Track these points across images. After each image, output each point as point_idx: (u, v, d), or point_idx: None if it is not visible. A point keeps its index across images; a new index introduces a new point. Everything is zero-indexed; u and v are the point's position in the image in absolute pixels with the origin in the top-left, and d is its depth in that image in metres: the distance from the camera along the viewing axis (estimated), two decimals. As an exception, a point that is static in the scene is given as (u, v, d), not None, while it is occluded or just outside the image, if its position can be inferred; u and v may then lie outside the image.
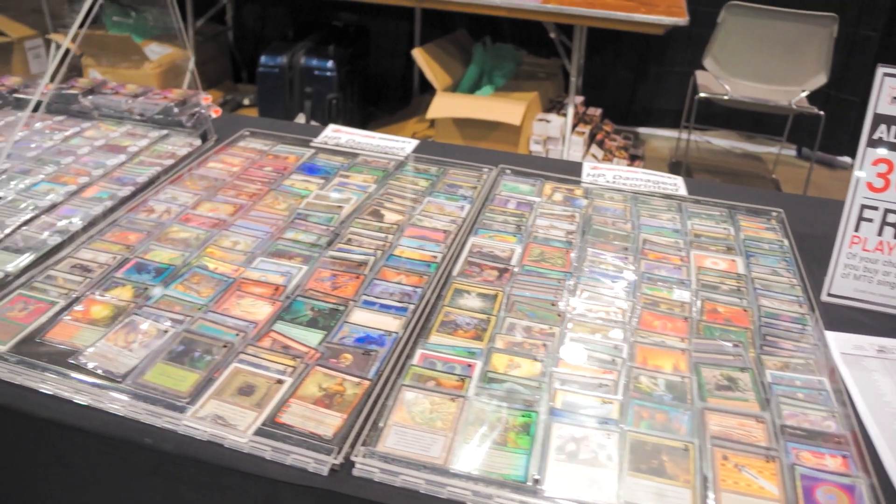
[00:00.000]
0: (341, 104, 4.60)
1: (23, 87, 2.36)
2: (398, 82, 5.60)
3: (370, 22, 5.40)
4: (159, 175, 1.88)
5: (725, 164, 5.27)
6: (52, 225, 1.65)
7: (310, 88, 4.55)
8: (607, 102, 5.22)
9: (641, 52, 5.33)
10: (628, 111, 5.51)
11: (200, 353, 1.27)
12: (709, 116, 5.11)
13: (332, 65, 4.54)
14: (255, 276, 1.49)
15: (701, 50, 4.43)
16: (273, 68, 4.49)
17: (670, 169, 5.05)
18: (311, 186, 1.84)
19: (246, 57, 5.68)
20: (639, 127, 5.58)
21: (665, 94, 5.44)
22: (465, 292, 1.49)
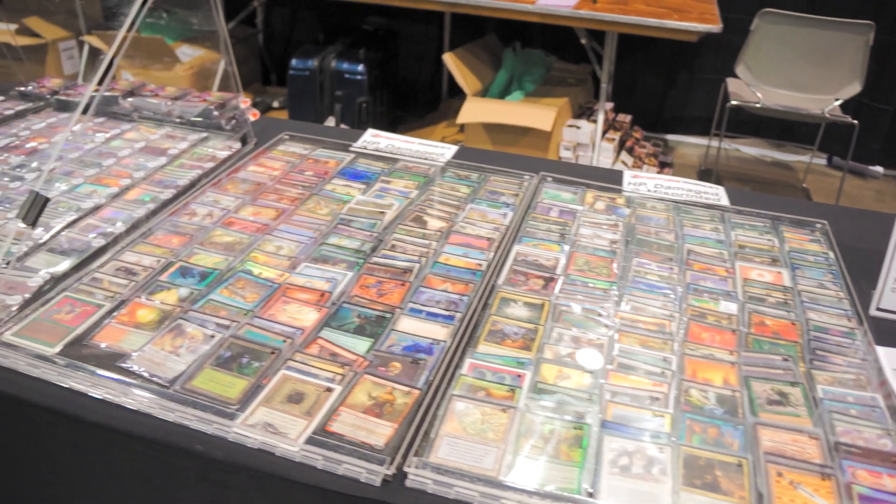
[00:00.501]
0: (371, 108, 4.59)
1: (63, 89, 2.37)
2: (427, 86, 5.59)
3: (399, 26, 5.40)
4: (200, 178, 1.88)
5: (755, 173, 5.23)
6: (95, 227, 1.65)
7: (340, 92, 4.55)
8: (636, 109, 5.19)
9: (671, 58, 5.30)
10: (657, 118, 5.48)
11: (248, 360, 1.26)
12: (738, 124, 5.07)
13: (363, 68, 4.54)
14: (300, 282, 1.48)
15: (731, 57, 4.40)
16: (304, 71, 4.49)
17: (699, 176, 5.01)
18: (353, 191, 1.83)
19: (275, 59, 5.70)
20: (667, 134, 5.55)
21: (694, 102, 5.40)
22: (512, 301, 1.48)
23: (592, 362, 1.34)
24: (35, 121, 2.21)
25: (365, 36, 5.01)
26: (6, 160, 1.95)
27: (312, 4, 5.61)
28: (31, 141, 2.07)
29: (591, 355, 1.35)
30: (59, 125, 2.18)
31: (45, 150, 2.01)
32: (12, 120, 2.22)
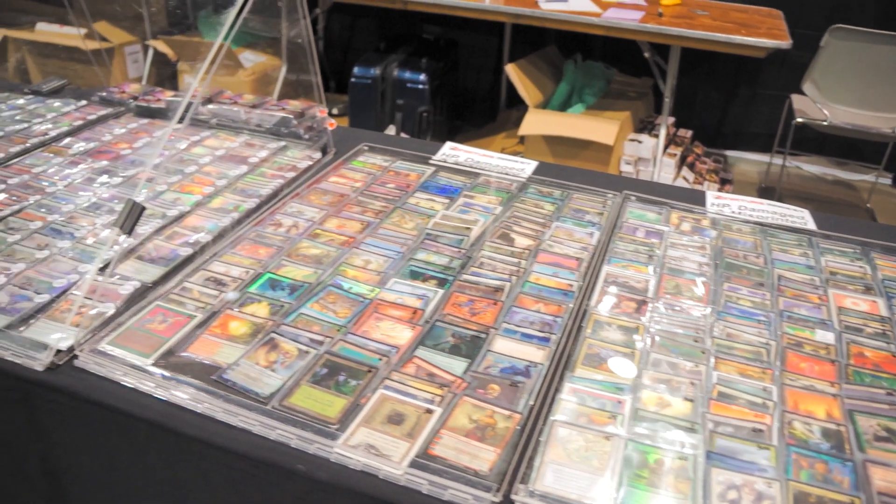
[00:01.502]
0: (431, 117, 4.58)
1: (142, 95, 2.38)
2: (485, 96, 5.57)
3: (459, 35, 5.38)
4: (282, 188, 1.87)
5: (817, 191, 5.13)
6: (182, 236, 1.64)
7: (401, 100, 4.54)
8: (696, 123, 5.12)
9: (733, 73, 5.23)
10: (717, 133, 5.41)
11: (345, 378, 1.25)
12: (801, 141, 4.98)
13: (425, 78, 4.53)
14: (392, 298, 1.46)
15: (795, 72, 4.33)
16: (366, 79, 4.49)
17: (760, 194, 4.94)
18: (437, 206, 1.81)
19: (335, 67, 5.71)
20: (726, 150, 5.47)
21: (755, 117, 5.32)
22: (606, 324, 1.45)
23: (689, 391, 1.30)
24: (116, 126, 2.22)
25: (425, 45, 5.00)
26: (91, 165, 1.96)
27: (372, 12, 5.61)
28: (114, 146, 2.08)
29: (687, 384, 1.32)
30: (141, 130, 2.19)
31: (129, 157, 2.01)
32: (95, 125, 2.23)
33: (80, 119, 2.25)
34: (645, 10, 4.30)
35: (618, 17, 4.07)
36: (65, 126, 2.20)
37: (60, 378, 1.27)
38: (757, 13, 4.49)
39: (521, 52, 5.09)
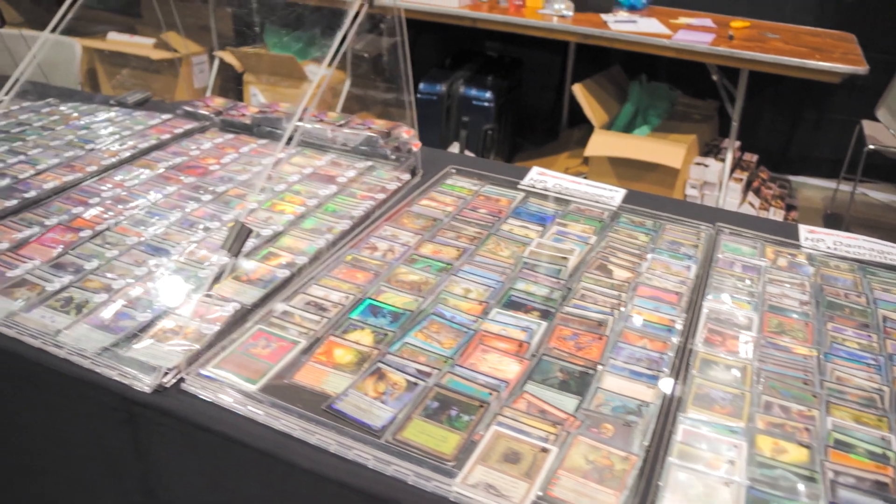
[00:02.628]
0: (495, 135, 4.56)
1: (227, 109, 2.38)
2: (547, 114, 5.54)
3: (522, 52, 5.36)
4: (374, 209, 1.86)
5: (885, 220, 5.03)
6: (278, 257, 1.63)
7: (466, 118, 4.53)
8: (761, 147, 5.05)
9: (800, 97, 5.15)
10: (782, 158, 5.33)
11: (458, 412, 1.22)
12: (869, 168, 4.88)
13: (491, 96, 4.51)
14: (495, 329, 1.43)
15: (865, 97, 4.25)
16: (431, 95, 4.49)
17: (825, 221, 4.85)
18: (531, 233, 1.79)
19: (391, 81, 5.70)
20: (790, 175, 5.39)
21: (822, 142, 5.24)
22: (713, 363, 1.41)
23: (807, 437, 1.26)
24: (203, 140, 2.22)
25: (491, 63, 4.99)
26: (181, 180, 1.96)
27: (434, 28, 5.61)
28: (201, 161, 2.08)
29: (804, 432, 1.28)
30: (227, 146, 2.19)
31: (217, 172, 2.01)
32: (181, 139, 2.24)
33: (167, 132, 2.26)
34: (715, 32, 4.26)
35: (689, 40, 4.03)
36: (153, 139, 2.21)
37: (168, 401, 1.26)
38: (829, 36, 4.43)
39: (584, 71, 5.06)
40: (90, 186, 1.93)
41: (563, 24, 4.28)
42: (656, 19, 4.42)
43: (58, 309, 1.46)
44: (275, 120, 2.25)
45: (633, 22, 4.31)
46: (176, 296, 1.49)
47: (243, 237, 1.35)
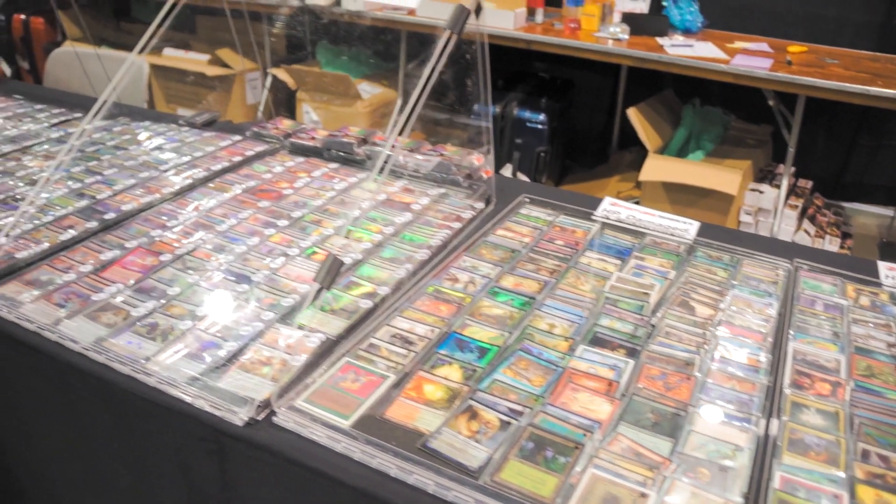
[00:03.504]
0: (548, 157, 4.55)
1: (296, 132, 2.39)
2: (597, 136, 5.51)
3: (573, 74, 5.34)
4: (451, 238, 1.85)
5: (940, 250, 4.95)
6: (359, 285, 1.63)
7: (520, 140, 4.52)
8: (815, 173, 4.98)
9: (856, 122, 5.07)
10: (836, 184, 5.25)
11: (553, 454, 1.21)
12: (926, 196, 4.83)
13: (544, 118, 4.50)
14: (584, 367, 1.42)
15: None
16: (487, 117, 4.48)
17: (881, 250, 4.78)
18: (609, 267, 1.77)
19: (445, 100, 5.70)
20: (845, 201, 5.31)
21: (878, 169, 5.15)
22: (804, 407, 1.38)
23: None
24: (274, 163, 2.23)
25: (543, 84, 4.98)
26: (256, 204, 1.97)
27: (487, 49, 5.61)
28: (274, 185, 2.09)
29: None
30: (299, 169, 2.20)
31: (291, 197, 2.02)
32: (252, 161, 2.25)
33: (239, 155, 2.28)
34: (773, 57, 4.21)
35: (747, 65, 3.99)
36: (225, 162, 2.22)
37: (260, 434, 1.26)
38: (889, 62, 4.37)
39: (635, 93, 5.04)
40: (167, 208, 1.95)
41: (619, 47, 4.26)
42: (712, 43, 4.39)
43: (144, 335, 1.46)
44: (346, 144, 2.26)
45: (689, 46, 4.28)
46: (260, 325, 1.49)
47: (336, 270, 1.35)
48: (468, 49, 1.77)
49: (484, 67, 1.83)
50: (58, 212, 1.93)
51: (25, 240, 1.78)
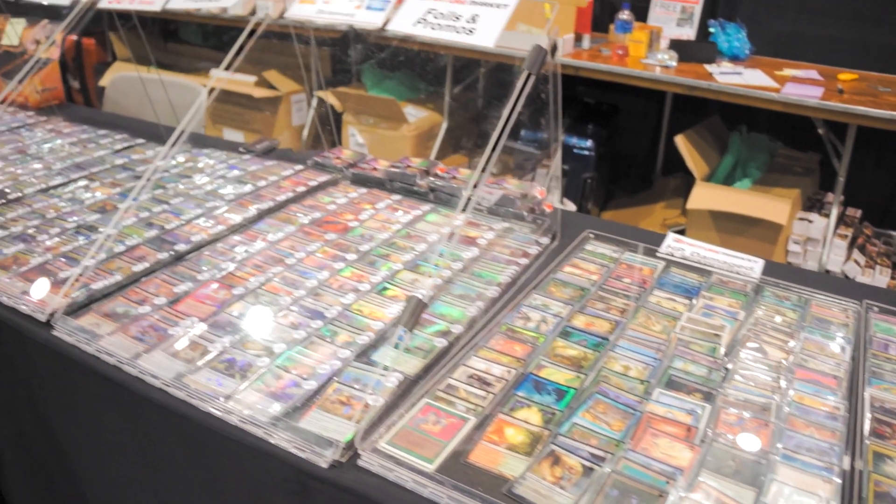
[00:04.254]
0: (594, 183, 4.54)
1: (358, 162, 2.41)
2: (641, 162, 5.50)
3: (617, 99, 5.34)
4: (519, 275, 1.86)
5: None
6: (432, 323, 1.64)
7: (567, 166, 4.51)
8: (863, 201, 4.93)
9: (904, 149, 5.03)
10: (886, 213, 5.20)
11: (638, 502, 1.21)
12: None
13: (591, 144, 4.50)
14: (661, 412, 1.41)
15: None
16: (532, 143, 4.49)
17: (929, 281, 4.71)
18: (679, 306, 1.77)
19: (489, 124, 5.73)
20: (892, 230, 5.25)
21: (927, 198, 5.10)
22: (887, 458, 1.37)
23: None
24: (337, 194, 2.25)
25: (589, 110, 4.98)
26: (323, 236, 1.99)
27: (530, 72, 5.63)
28: (339, 216, 2.11)
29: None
30: (362, 201, 2.21)
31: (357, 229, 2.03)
32: (316, 191, 2.27)
33: (302, 185, 2.30)
34: (823, 85, 4.19)
35: (798, 94, 3.97)
36: (289, 192, 2.24)
37: (345, 476, 1.27)
38: (943, 91, 4.33)
39: (681, 119, 5.04)
40: (236, 240, 1.97)
41: (667, 74, 4.26)
42: (761, 71, 4.37)
43: (222, 371, 1.48)
44: (409, 176, 2.27)
45: (738, 74, 4.27)
46: (338, 363, 1.50)
47: (419, 312, 1.36)
48: (543, 88, 1.78)
49: (556, 102, 1.83)
50: (129, 241, 1.96)
51: (100, 270, 1.81)
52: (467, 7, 1.75)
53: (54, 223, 2.10)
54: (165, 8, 2.27)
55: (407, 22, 1.78)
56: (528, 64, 1.63)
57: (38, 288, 1.75)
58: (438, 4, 1.77)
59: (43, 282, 1.78)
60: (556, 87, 1.84)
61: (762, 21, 4.93)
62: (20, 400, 1.77)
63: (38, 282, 1.77)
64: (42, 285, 1.76)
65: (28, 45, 3.44)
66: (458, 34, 1.70)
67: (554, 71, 1.81)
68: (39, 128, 2.96)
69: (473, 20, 1.72)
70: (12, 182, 2.40)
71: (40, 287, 1.75)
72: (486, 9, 1.74)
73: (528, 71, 1.62)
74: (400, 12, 1.82)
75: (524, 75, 1.62)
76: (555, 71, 1.81)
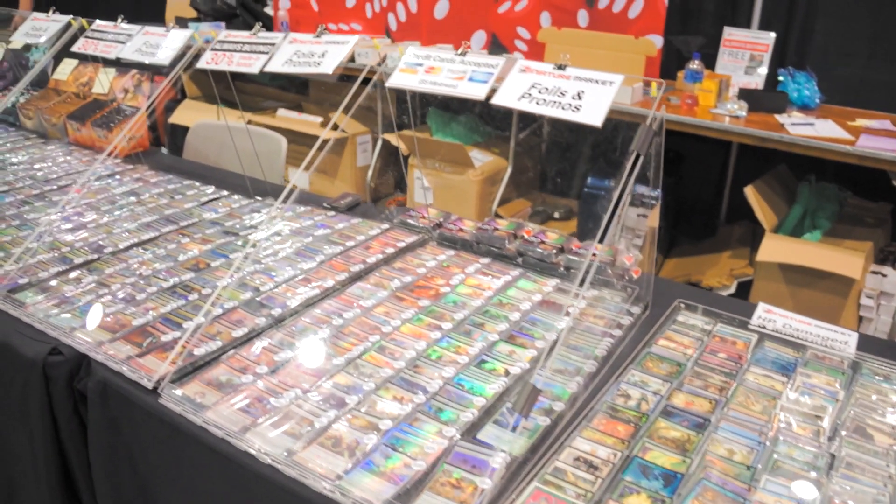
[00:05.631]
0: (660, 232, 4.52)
1: (445, 222, 2.43)
2: (704, 209, 5.47)
3: (684, 146, 5.33)
4: (615, 348, 1.86)
5: None
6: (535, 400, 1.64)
7: (633, 214, 4.50)
8: (932, 254, 4.86)
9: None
10: (955, 266, 5.11)
11: None
12: None
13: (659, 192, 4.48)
14: (771, 501, 1.40)
15: None
16: (599, 190, 4.49)
17: None
18: (777, 384, 1.76)
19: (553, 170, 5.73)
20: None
21: None
22: None
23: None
24: (426, 256, 2.28)
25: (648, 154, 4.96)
26: (415, 302, 2.01)
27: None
28: (430, 280, 2.13)
29: None
30: (452, 265, 2.23)
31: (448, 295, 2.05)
32: (404, 252, 2.29)
33: (391, 246, 2.33)
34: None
35: (874, 147, 3.93)
36: (379, 254, 2.27)
37: (460, 563, 1.27)
38: None
39: (747, 166, 5.01)
40: (331, 306, 2.00)
41: (737, 125, 4.24)
42: (832, 121, 4.33)
43: (330, 448, 1.50)
44: (498, 240, 2.29)
45: (810, 125, 4.24)
46: (444, 442, 1.51)
47: (534, 399, 1.37)
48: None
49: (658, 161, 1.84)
50: (226, 303, 1.99)
51: (201, 334, 1.84)
52: (573, 83, 1.77)
53: (151, 281, 2.14)
54: (265, 70, 2.32)
55: (511, 97, 1.80)
56: (636, 144, 1.65)
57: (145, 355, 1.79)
58: (543, 79, 1.80)
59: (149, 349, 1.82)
60: (659, 165, 1.85)
61: (831, 67, 4.90)
62: (121, 461, 1.81)
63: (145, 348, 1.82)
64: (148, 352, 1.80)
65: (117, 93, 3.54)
66: (563, 111, 1.72)
67: (657, 147, 1.82)
68: (127, 176, 3.04)
69: (579, 96, 1.73)
70: (106, 235, 2.46)
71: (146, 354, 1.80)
72: (591, 85, 1.76)
73: (638, 152, 1.64)
74: (504, 86, 1.85)
75: (633, 156, 1.63)
76: (658, 147, 1.82)
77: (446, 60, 1.96)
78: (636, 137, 1.66)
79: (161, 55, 2.54)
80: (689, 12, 5.20)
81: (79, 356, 1.85)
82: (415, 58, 2.02)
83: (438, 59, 1.97)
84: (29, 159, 3.25)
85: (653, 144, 1.75)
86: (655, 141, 1.76)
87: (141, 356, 1.79)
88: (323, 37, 2.29)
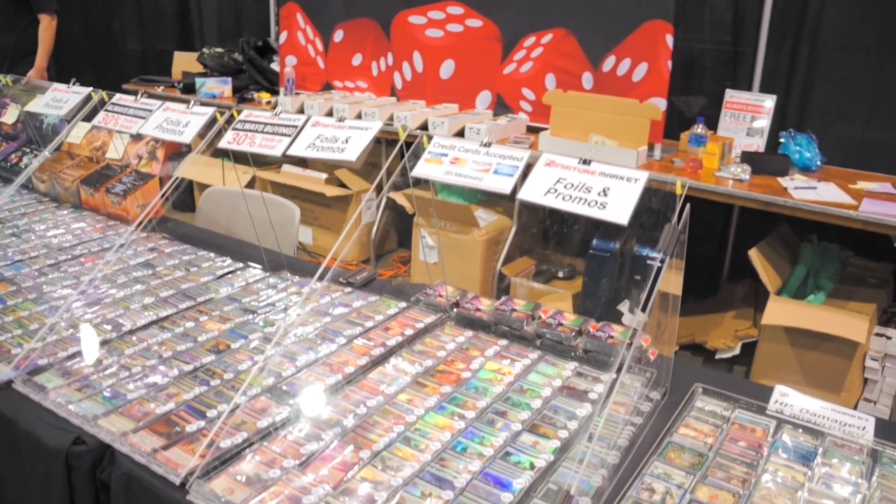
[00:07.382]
0: (664, 293, 4.55)
1: (463, 301, 2.46)
2: (706, 268, 5.51)
3: (688, 206, 5.37)
4: (636, 437, 1.88)
5: None
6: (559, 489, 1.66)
7: (638, 276, 4.54)
8: (935, 312, 4.89)
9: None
10: (956, 324, 5.14)
11: None
12: None
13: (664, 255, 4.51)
14: None
15: None
16: (605, 252, 4.53)
17: None
18: (798, 475, 1.77)
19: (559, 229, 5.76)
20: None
21: None
22: None
23: None
24: (445, 338, 2.30)
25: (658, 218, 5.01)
26: (438, 389, 2.02)
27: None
28: (450, 364, 2.15)
29: None
30: (472, 347, 2.25)
31: (469, 380, 2.07)
32: (423, 334, 2.31)
33: (410, 327, 2.35)
34: (898, 199, 4.20)
35: (878, 212, 3.98)
36: (398, 335, 2.29)
37: None
38: None
39: (749, 225, 5.06)
40: (354, 392, 2.01)
41: (740, 189, 4.30)
42: (835, 184, 4.39)
43: (363, 550, 1.51)
44: (516, 321, 2.31)
45: (813, 189, 4.29)
46: (475, 541, 1.53)
47: None
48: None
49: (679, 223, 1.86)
50: (248, 390, 2.00)
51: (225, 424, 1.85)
52: (598, 178, 1.81)
53: (171, 364, 2.15)
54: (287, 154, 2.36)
55: (537, 192, 1.84)
56: (663, 245, 1.68)
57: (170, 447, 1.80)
58: (568, 174, 1.83)
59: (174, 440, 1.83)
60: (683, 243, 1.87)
61: (830, 128, 4.97)
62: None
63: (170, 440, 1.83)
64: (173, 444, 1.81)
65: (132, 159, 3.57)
66: (589, 208, 1.76)
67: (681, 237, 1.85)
68: (142, 245, 3.06)
69: (605, 193, 1.77)
70: (124, 311, 2.48)
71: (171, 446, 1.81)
72: (617, 182, 1.79)
73: (664, 253, 1.67)
74: (529, 181, 1.89)
75: (658, 257, 1.66)
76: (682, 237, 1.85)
77: (471, 151, 2.00)
78: (662, 236, 1.69)
79: (186, 134, 2.58)
80: (691, 73, 5.28)
81: (102, 445, 1.86)
82: (440, 147, 2.05)
83: (464, 150, 2.01)
84: (44, 227, 3.28)
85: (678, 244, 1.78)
86: (680, 239, 1.79)
87: (166, 448, 1.80)
88: (346, 121, 2.33)
